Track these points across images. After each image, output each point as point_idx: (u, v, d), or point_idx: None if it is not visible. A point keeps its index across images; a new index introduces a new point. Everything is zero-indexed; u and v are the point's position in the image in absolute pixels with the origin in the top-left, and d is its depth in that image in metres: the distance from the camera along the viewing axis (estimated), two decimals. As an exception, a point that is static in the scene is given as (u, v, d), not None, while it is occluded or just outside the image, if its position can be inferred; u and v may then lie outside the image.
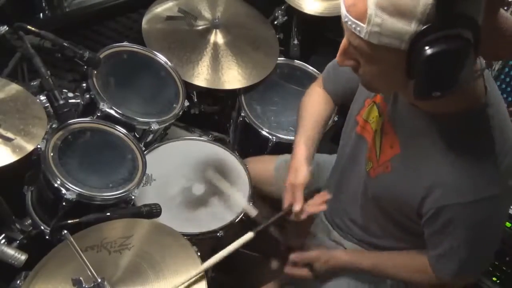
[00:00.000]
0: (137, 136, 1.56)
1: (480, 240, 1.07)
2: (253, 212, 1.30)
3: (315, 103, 1.44)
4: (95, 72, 1.53)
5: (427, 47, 0.81)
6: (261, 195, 1.68)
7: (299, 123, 1.41)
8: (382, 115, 1.16)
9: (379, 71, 0.93)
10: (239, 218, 1.50)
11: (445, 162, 1.01)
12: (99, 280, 1.00)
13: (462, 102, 0.98)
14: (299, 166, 1.28)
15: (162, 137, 1.72)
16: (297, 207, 1.22)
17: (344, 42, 0.94)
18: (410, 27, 0.81)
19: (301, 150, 1.32)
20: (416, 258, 1.20)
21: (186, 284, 1.07)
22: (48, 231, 1.37)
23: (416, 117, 1.05)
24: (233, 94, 1.86)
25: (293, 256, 1.27)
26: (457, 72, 0.84)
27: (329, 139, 1.99)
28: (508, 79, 1.71)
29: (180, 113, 1.65)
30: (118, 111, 1.50)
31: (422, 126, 1.04)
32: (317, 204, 1.24)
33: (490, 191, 0.99)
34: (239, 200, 1.48)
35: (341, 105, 1.49)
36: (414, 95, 0.89)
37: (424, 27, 0.80)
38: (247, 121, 1.77)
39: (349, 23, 0.86)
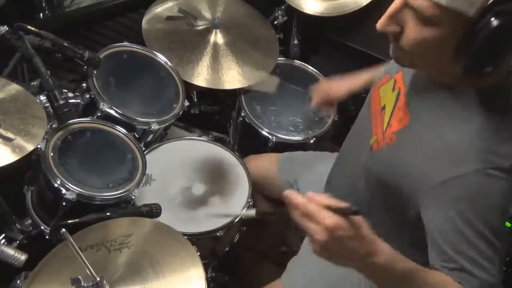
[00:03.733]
0: (137, 136, 1.56)
1: (489, 222, 0.93)
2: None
3: None
4: (95, 72, 1.53)
5: (495, 17, 0.79)
6: (262, 193, 1.68)
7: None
8: (396, 91, 1.13)
9: (429, 38, 0.89)
10: (239, 218, 1.50)
11: (455, 133, 0.96)
12: (98, 279, 0.99)
13: (490, 80, 0.94)
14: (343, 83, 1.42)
15: (162, 137, 1.72)
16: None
17: (396, 4, 0.91)
18: None
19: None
20: (448, 283, 0.94)
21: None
22: (48, 231, 1.37)
23: (434, 92, 1.02)
24: (233, 94, 1.86)
25: (310, 194, 0.88)
26: None
27: (329, 138, 2.00)
28: None
29: (180, 113, 1.65)
30: (118, 111, 1.50)
31: (439, 100, 1.02)
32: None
33: (499, 163, 0.92)
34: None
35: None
36: (465, 70, 0.86)
37: None
38: (247, 121, 1.77)
39: None
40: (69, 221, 1.19)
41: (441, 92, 1.02)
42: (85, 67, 1.48)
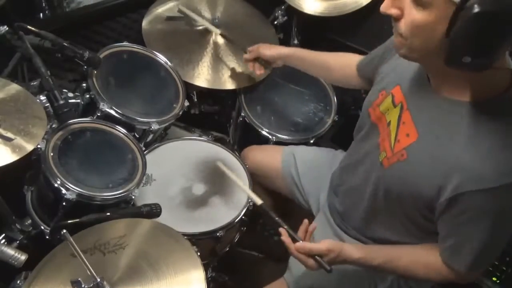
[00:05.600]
0: (137, 136, 1.56)
1: (496, 230, 1.05)
2: (258, 201, 1.33)
3: (340, 56, 1.54)
4: (95, 72, 1.53)
5: (478, 3, 0.81)
6: (263, 185, 1.68)
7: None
8: (398, 106, 1.16)
9: (423, 21, 0.92)
10: (239, 218, 1.50)
11: (465, 148, 1.00)
12: (98, 280, 0.99)
13: (488, 90, 0.99)
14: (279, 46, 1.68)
15: (162, 137, 1.71)
16: None
17: None
18: None
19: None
20: (430, 255, 1.17)
21: None
22: (48, 231, 1.37)
23: (438, 105, 1.05)
24: (233, 94, 1.86)
25: (298, 245, 1.18)
26: (496, 42, 0.85)
27: (329, 138, 2.00)
28: None
29: (180, 113, 1.64)
30: (118, 111, 1.50)
31: (443, 113, 1.04)
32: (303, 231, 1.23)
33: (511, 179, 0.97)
34: (245, 189, 1.46)
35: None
36: (445, 58, 0.90)
37: None
38: (247, 121, 1.77)
39: None
40: (69, 221, 1.19)
41: (443, 105, 1.05)
42: (85, 67, 1.48)
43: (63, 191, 1.28)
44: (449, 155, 1.02)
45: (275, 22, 2.08)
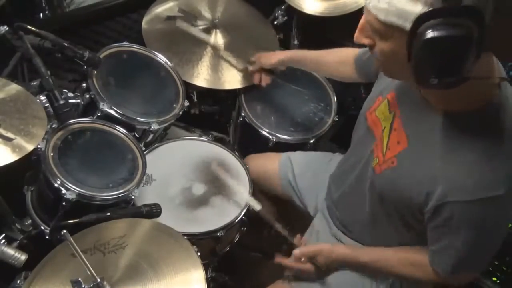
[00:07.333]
0: (137, 136, 1.56)
1: (480, 239, 1.07)
2: (257, 206, 1.37)
3: (337, 52, 1.55)
4: (95, 72, 1.53)
5: (427, 30, 0.83)
6: (263, 192, 1.68)
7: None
8: (392, 112, 1.17)
9: (389, 50, 0.95)
10: (239, 218, 1.50)
11: (451, 159, 1.01)
12: (98, 280, 0.99)
13: (473, 101, 0.99)
14: (278, 52, 1.72)
15: (162, 137, 1.71)
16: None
17: (362, 19, 0.98)
18: (416, 8, 0.84)
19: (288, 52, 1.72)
20: (418, 254, 1.19)
21: None
22: (48, 231, 1.37)
23: (427, 114, 1.06)
24: (233, 94, 1.86)
25: (296, 252, 1.30)
26: (455, 62, 0.86)
27: (329, 138, 2.00)
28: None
29: (180, 113, 1.64)
30: (118, 111, 1.50)
31: (431, 123, 1.05)
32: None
33: (493, 192, 0.98)
34: (243, 194, 1.47)
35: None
36: (414, 81, 0.91)
37: (428, 10, 0.82)
38: (247, 121, 1.77)
39: None
40: (69, 221, 1.19)
41: (433, 115, 1.05)
42: (85, 67, 1.48)
43: (63, 191, 1.28)
44: (434, 165, 1.03)
45: (275, 22, 2.08)
